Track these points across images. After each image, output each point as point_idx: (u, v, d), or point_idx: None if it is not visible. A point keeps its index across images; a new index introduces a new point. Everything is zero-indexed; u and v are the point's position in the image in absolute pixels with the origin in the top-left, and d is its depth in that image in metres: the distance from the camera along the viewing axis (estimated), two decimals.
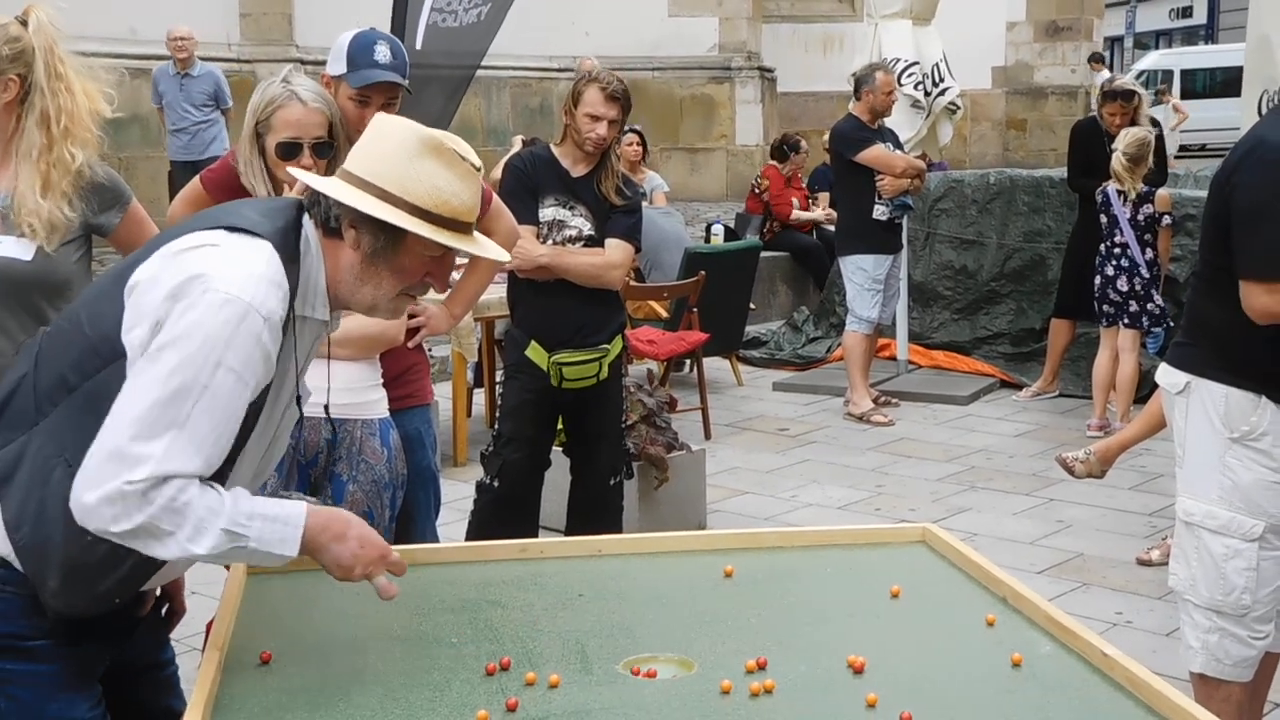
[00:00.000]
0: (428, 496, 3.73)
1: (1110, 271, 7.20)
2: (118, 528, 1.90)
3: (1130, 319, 7.20)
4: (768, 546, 2.66)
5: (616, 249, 4.53)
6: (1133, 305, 7.18)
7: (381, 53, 3.43)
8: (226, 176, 3.32)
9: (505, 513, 4.57)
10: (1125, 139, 7.06)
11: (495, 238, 3.81)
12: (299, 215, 2.11)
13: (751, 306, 9.09)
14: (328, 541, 2.06)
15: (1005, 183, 9.13)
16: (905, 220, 8.06)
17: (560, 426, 4.78)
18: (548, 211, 4.50)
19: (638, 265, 8.22)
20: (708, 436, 7.38)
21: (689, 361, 8.42)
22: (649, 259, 8.53)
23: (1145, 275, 7.12)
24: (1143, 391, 7.08)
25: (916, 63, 8.47)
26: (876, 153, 7.62)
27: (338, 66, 3.46)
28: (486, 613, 2.30)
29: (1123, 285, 7.17)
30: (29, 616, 2.06)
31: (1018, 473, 6.72)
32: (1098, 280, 7.27)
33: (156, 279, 1.98)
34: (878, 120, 7.77)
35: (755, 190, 11.31)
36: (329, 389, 2.45)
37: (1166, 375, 3.30)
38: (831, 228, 9.69)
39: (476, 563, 2.58)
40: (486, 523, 4.59)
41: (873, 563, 2.58)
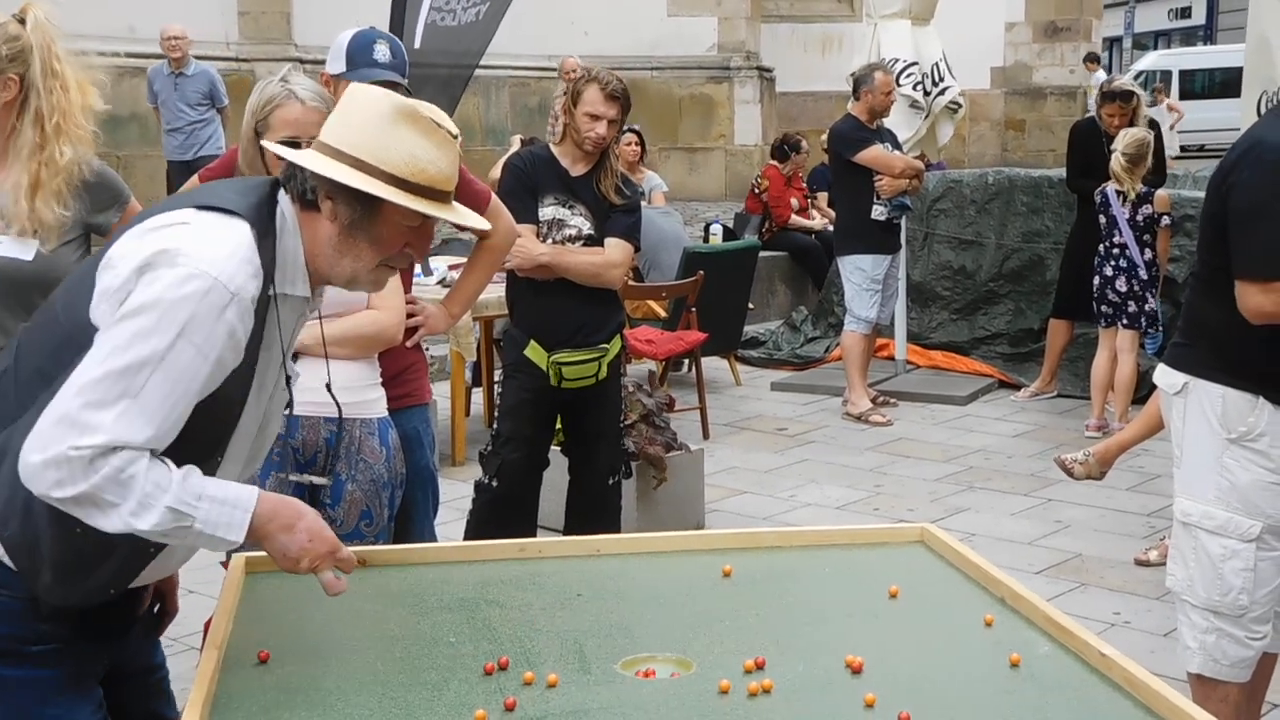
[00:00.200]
0: (426, 496, 3.73)
1: (1109, 272, 7.20)
2: (60, 493, 1.87)
3: (1129, 319, 7.21)
4: (766, 546, 2.66)
5: (616, 248, 4.53)
6: (1131, 306, 7.18)
7: (381, 52, 3.43)
8: (226, 174, 3.32)
9: (503, 512, 4.57)
10: (1124, 139, 7.06)
11: (494, 237, 3.83)
12: (273, 191, 2.08)
13: (750, 306, 9.09)
14: (275, 530, 2.02)
15: (1004, 183, 9.13)
16: (904, 220, 8.06)
17: (559, 426, 4.78)
18: (547, 211, 4.50)
19: (636, 265, 8.21)
20: (706, 436, 7.38)
21: (687, 361, 8.42)
22: (647, 259, 8.53)
23: (1144, 276, 7.12)
24: (1141, 392, 7.09)
25: (915, 63, 8.47)
26: (875, 153, 7.62)
27: (337, 65, 3.46)
28: (485, 612, 2.30)
29: (1121, 286, 7.17)
30: (28, 620, 2.04)
31: (1016, 473, 6.73)
32: (1096, 281, 7.27)
33: (125, 256, 1.96)
34: (876, 120, 7.77)
35: (754, 190, 11.31)
36: (330, 384, 2.43)
37: (1164, 376, 3.30)
38: (830, 228, 9.69)
39: (474, 562, 2.57)
40: (485, 522, 4.59)
41: (871, 563, 2.58)
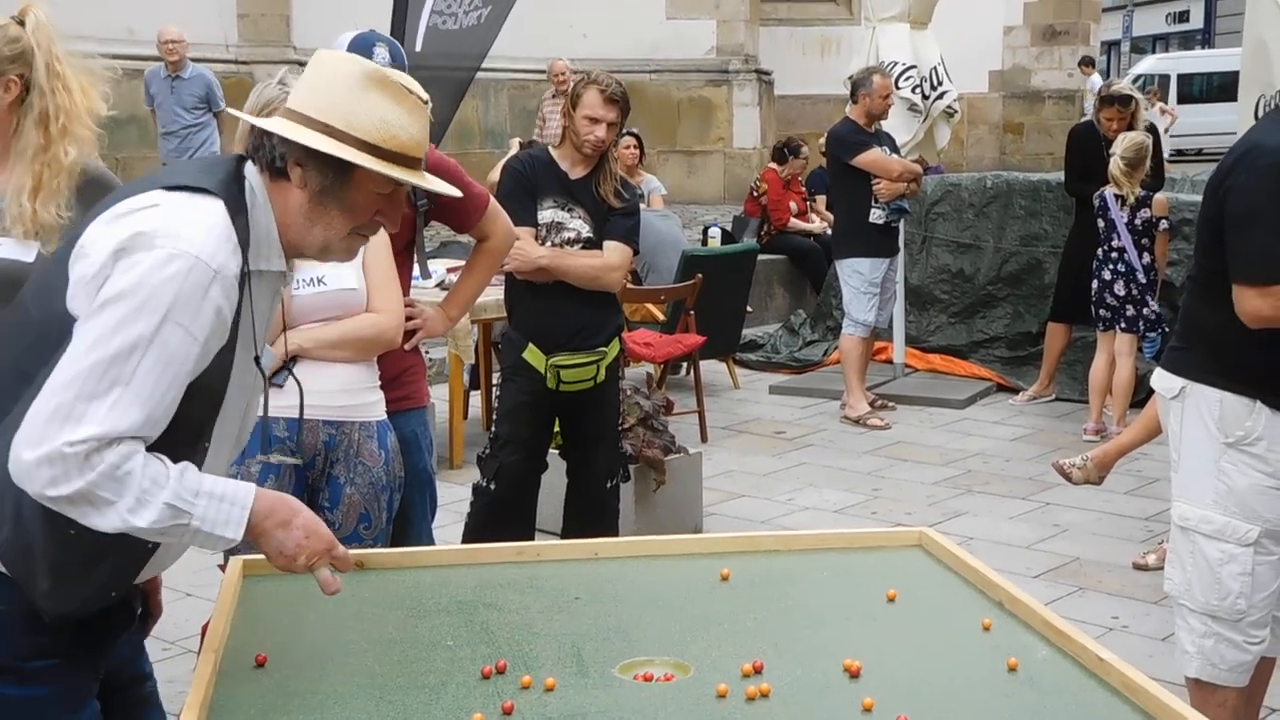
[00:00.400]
0: (424, 499, 3.72)
1: (1107, 276, 7.21)
2: (55, 491, 1.82)
3: (1127, 323, 7.21)
4: (764, 550, 2.66)
5: (615, 251, 4.53)
6: (1129, 309, 7.18)
7: (380, 55, 3.42)
8: None
9: (501, 515, 4.57)
10: (1123, 143, 7.07)
11: (493, 239, 3.83)
12: (240, 165, 2.04)
13: (748, 309, 9.09)
14: (272, 527, 1.99)
15: (1002, 186, 9.13)
16: (902, 224, 8.07)
17: (557, 429, 4.78)
18: (546, 213, 4.50)
19: (635, 268, 8.22)
20: (704, 439, 7.38)
21: (686, 364, 8.42)
22: (646, 261, 8.53)
23: (1142, 280, 7.13)
24: (1139, 396, 7.10)
25: (914, 66, 8.47)
26: (873, 156, 7.63)
27: None
28: (482, 615, 2.29)
29: (1119, 289, 7.18)
30: (26, 634, 2.00)
31: (1014, 476, 6.73)
32: (1094, 284, 7.28)
33: (97, 242, 1.91)
34: (874, 124, 7.77)
35: (753, 193, 11.32)
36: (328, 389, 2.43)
37: (1161, 380, 3.30)
38: (829, 231, 9.70)
39: (472, 565, 2.57)
40: (483, 525, 4.59)
41: (869, 566, 2.57)
